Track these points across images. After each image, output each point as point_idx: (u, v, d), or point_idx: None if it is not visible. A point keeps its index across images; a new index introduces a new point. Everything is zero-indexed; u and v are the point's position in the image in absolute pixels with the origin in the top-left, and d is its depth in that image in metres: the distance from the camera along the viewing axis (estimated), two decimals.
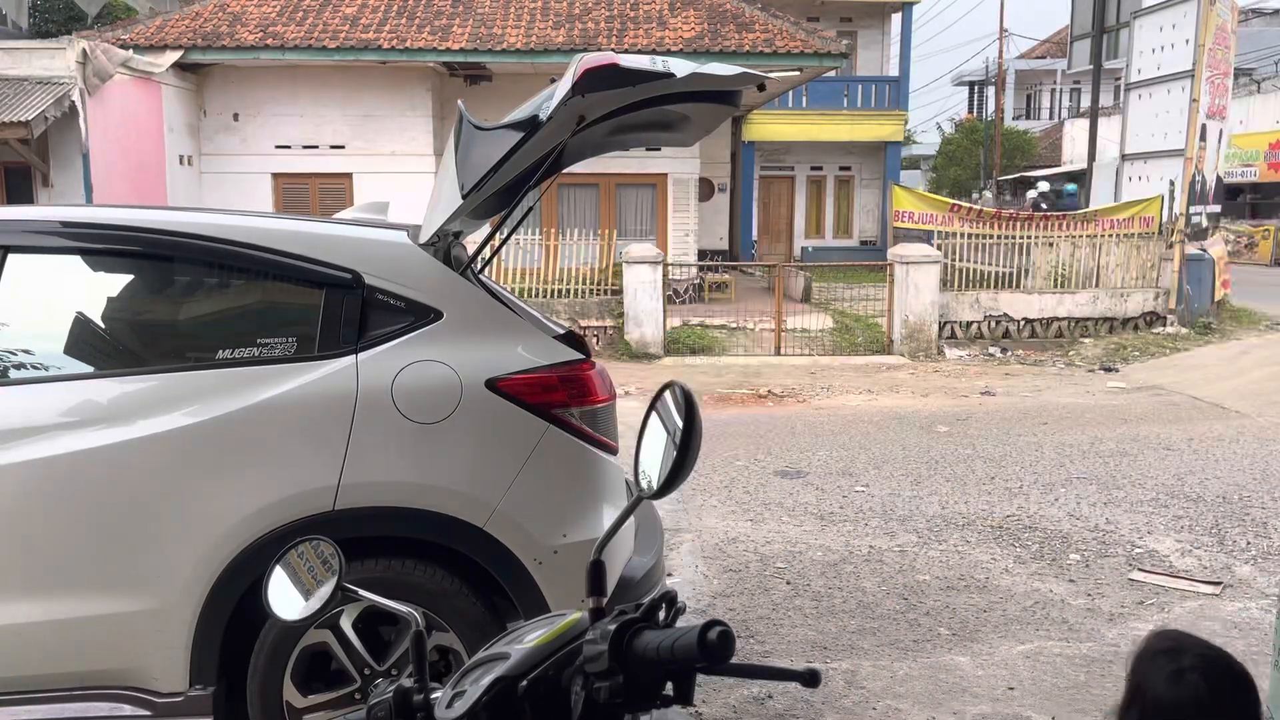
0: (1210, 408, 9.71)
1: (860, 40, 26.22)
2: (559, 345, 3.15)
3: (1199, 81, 14.54)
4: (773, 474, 7.22)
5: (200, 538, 2.90)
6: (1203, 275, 14.87)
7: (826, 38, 17.13)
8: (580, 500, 3.12)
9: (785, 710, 3.79)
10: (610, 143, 3.51)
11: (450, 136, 2.95)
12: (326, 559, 1.62)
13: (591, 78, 2.65)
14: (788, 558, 5.48)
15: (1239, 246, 26.67)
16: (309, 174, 16.50)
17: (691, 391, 1.46)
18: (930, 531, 5.92)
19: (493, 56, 15.64)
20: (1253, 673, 1.67)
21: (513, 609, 3.06)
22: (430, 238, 3.10)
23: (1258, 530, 5.89)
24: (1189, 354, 12.97)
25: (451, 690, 1.33)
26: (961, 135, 41.30)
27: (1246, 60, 29.20)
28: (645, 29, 16.17)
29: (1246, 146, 28.88)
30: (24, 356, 3.10)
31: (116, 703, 2.95)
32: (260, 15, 15.82)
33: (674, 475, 1.42)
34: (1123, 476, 7.09)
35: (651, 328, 13.01)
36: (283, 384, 2.95)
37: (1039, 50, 47.26)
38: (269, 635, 2.96)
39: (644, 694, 1.25)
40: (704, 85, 2.95)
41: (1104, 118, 23.15)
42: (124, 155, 14.20)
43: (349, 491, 2.93)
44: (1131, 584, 5.08)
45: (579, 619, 1.37)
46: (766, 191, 27.26)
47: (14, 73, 13.27)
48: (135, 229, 3.10)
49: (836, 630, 4.53)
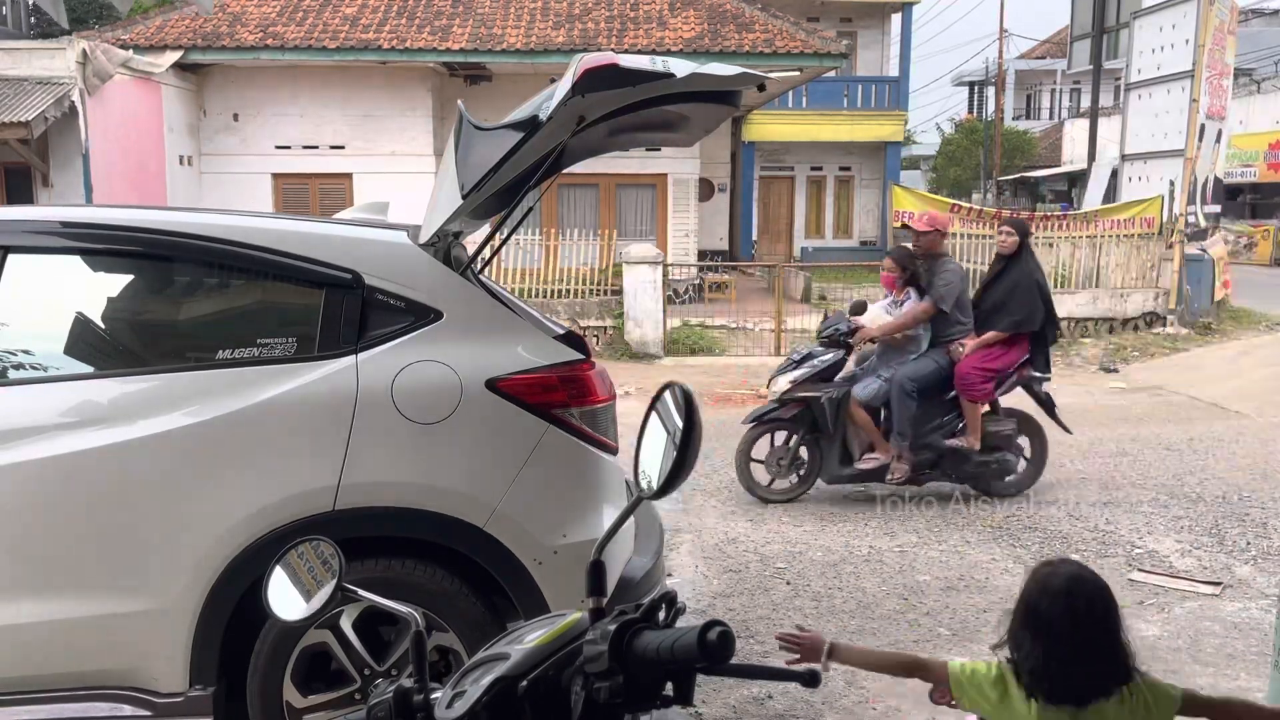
0: (1210, 408, 9.71)
1: (860, 40, 26.22)
2: (559, 345, 3.15)
3: (1199, 81, 14.54)
4: None
5: (200, 538, 2.90)
6: (1203, 275, 14.88)
7: (826, 38, 17.13)
8: (580, 500, 3.12)
9: (785, 710, 3.79)
10: (610, 143, 3.51)
11: (450, 136, 2.95)
12: (326, 559, 1.62)
13: (591, 78, 2.65)
14: (788, 558, 5.48)
15: (1238, 247, 26.66)
16: (309, 174, 16.51)
17: (691, 391, 1.46)
18: (930, 532, 5.91)
19: (493, 57, 15.65)
20: (1253, 673, 1.68)
21: (513, 609, 3.06)
22: (430, 238, 3.09)
23: (1258, 530, 5.89)
24: (1189, 354, 12.97)
25: (451, 690, 1.33)
26: (961, 135, 41.31)
27: (1246, 60, 29.18)
28: (645, 29, 16.17)
29: (1246, 146, 28.87)
30: (24, 357, 3.10)
31: (116, 703, 2.95)
32: (260, 15, 15.82)
33: (674, 475, 1.42)
34: (1123, 476, 7.09)
35: (651, 328, 13.01)
36: (283, 384, 2.95)
37: (1039, 50, 47.25)
38: (269, 635, 2.96)
39: (644, 694, 1.25)
40: (704, 85, 2.95)
41: (1104, 118, 23.15)
42: (124, 155, 14.20)
43: (349, 491, 2.92)
44: (1131, 584, 5.07)
45: (579, 619, 1.37)
46: (766, 192, 27.25)
47: (14, 73, 13.27)
48: (135, 229, 3.10)
49: (836, 630, 4.53)
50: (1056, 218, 15.17)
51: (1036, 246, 14.36)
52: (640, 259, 13.11)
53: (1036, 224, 14.79)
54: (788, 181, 27.51)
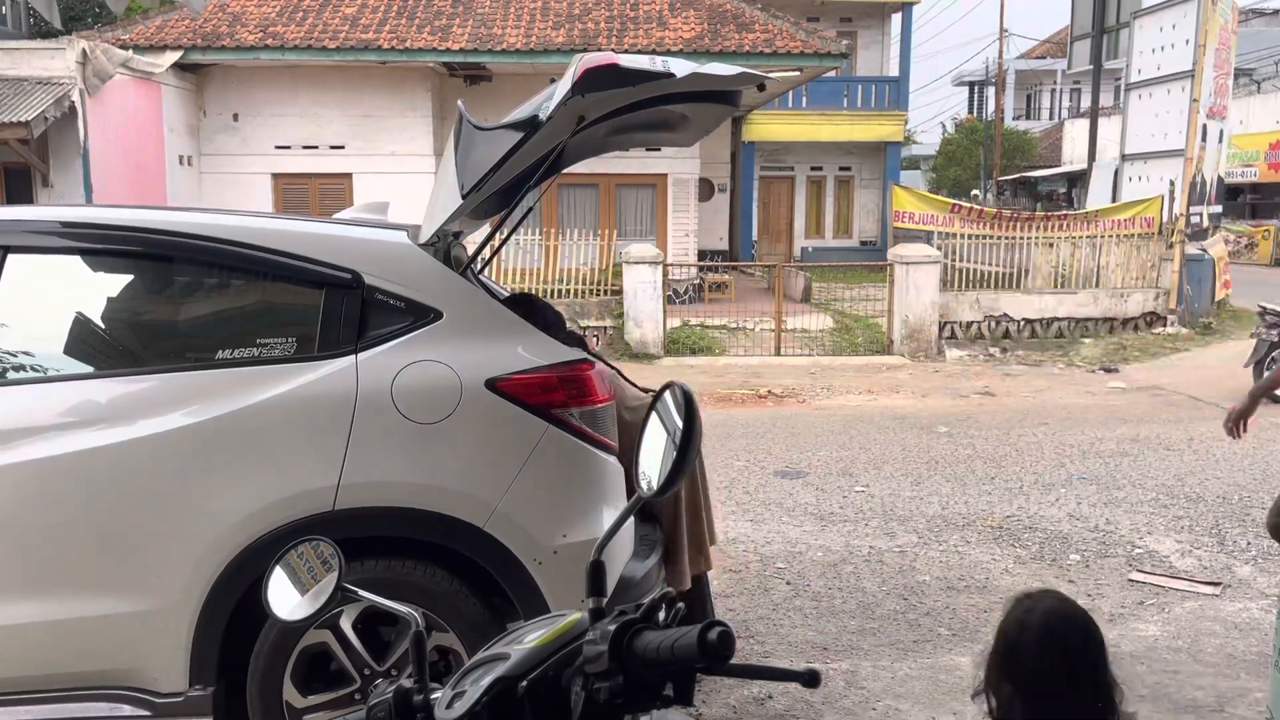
0: (1210, 408, 9.70)
1: (860, 40, 26.22)
2: (559, 345, 3.15)
3: (1199, 82, 14.54)
4: (773, 474, 7.22)
5: (200, 537, 2.90)
6: (1203, 275, 14.88)
7: (826, 38, 17.13)
8: (580, 500, 3.11)
9: (785, 710, 3.79)
10: (610, 143, 3.51)
11: (450, 136, 2.95)
12: (326, 559, 1.62)
13: (591, 77, 2.65)
14: (788, 558, 5.48)
15: (1239, 247, 26.66)
16: (309, 174, 16.50)
17: (691, 391, 1.46)
18: (930, 532, 5.91)
19: (493, 57, 15.64)
20: (1253, 673, 1.68)
21: (513, 609, 3.05)
22: (430, 238, 3.09)
23: (1258, 530, 5.88)
24: (1189, 354, 12.97)
25: (451, 690, 1.33)
26: (961, 135, 41.31)
27: (1246, 60, 29.20)
28: (645, 29, 16.17)
29: (1246, 146, 28.87)
30: (24, 357, 3.10)
31: (116, 703, 2.95)
32: (260, 15, 15.82)
33: (674, 475, 1.42)
34: (1123, 477, 7.09)
35: (651, 328, 13.01)
36: (283, 384, 2.95)
37: (1039, 50, 47.24)
38: (269, 635, 2.95)
39: (644, 694, 1.25)
40: (704, 85, 2.95)
41: (1104, 118, 23.14)
42: (124, 155, 14.20)
43: (349, 491, 2.92)
44: (1131, 584, 5.07)
45: (579, 619, 1.37)
46: (766, 192, 27.25)
47: (14, 73, 13.27)
48: (135, 229, 3.10)
49: (836, 630, 4.53)
50: (1057, 218, 15.16)
51: (1036, 246, 14.44)
52: (640, 259, 13.11)
53: (1036, 224, 14.80)
54: (788, 181, 27.51)
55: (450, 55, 15.55)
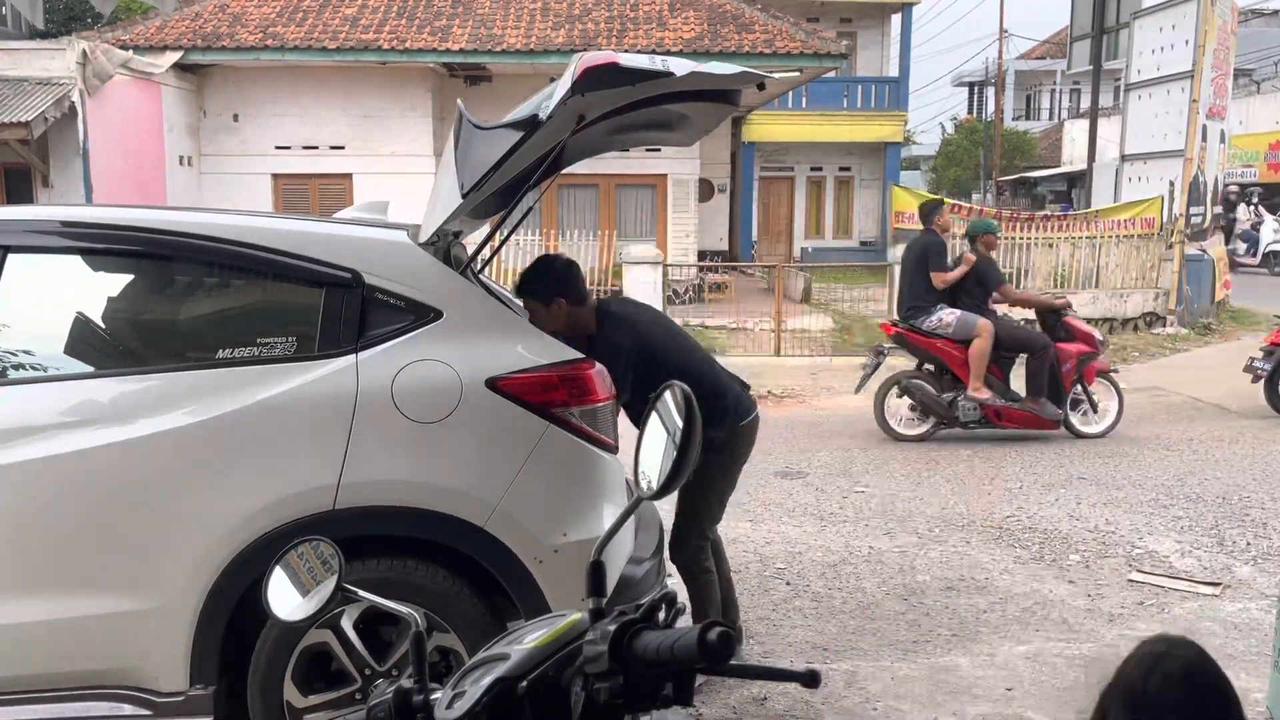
0: (1210, 408, 9.71)
1: (860, 40, 26.22)
2: (559, 344, 3.15)
3: (1199, 82, 14.54)
4: (772, 474, 7.21)
5: (200, 537, 2.90)
6: (1202, 276, 14.88)
7: (826, 38, 17.12)
8: (580, 499, 3.12)
9: (785, 711, 3.79)
10: (610, 143, 3.51)
11: (450, 136, 2.95)
12: (326, 559, 1.62)
13: (591, 76, 2.65)
14: (787, 558, 5.47)
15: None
16: (309, 174, 16.49)
17: (691, 392, 1.46)
18: (930, 532, 5.91)
19: (492, 57, 15.64)
20: (1252, 673, 1.67)
21: (513, 609, 3.06)
22: (430, 237, 3.10)
23: (1258, 531, 5.88)
24: (1189, 354, 12.97)
25: (451, 691, 1.33)
26: (961, 136, 41.30)
27: (1246, 60, 29.19)
28: (645, 29, 16.16)
29: (1246, 146, 28.86)
30: (24, 356, 3.10)
31: (116, 702, 2.95)
32: (260, 16, 15.82)
33: (674, 475, 1.42)
34: (1122, 477, 7.09)
35: None
36: (283, 383, 2.95)
37: (1039, 50, 47.22)
38: (269, 635, 2.95)
39: (644, 694, 1.25)
40: (703, 84, 2.95)
41: (1104, 118, 23.12)
42: (124, 156, 14.19)
43: (349, 491, 2.92)
44: (1131, 585, 5.07)
45: (579, 619, 1.37)
46: (766, 192, 27.25)
47: (14, 73, 13.27)
48: (135, 229, 3.10)
49: (836, 631, 4.53)
50: (1057, 218, 15.16)
51: (1036, 246, 14.42)
52: (640, 259, 13.11)
53: (1036, 224, 14.80)
54: (787, 182, 27.51)
55: (450, 56, 15.55)
